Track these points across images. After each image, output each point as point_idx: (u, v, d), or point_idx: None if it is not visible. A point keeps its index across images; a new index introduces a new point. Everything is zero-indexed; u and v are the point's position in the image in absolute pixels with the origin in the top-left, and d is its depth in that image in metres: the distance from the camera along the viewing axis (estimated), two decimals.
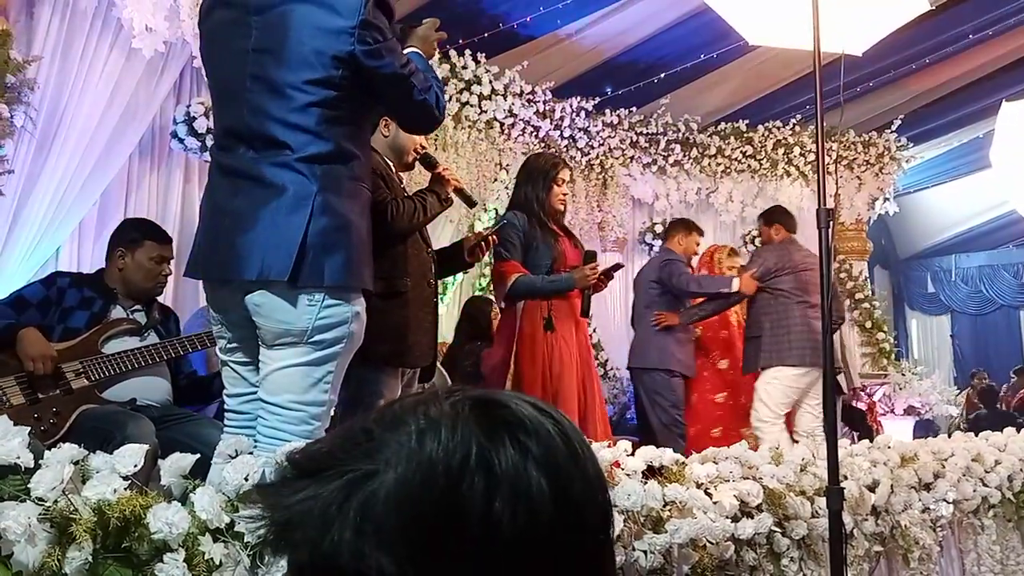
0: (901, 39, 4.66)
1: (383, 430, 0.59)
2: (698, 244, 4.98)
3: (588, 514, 0.59)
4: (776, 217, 4.76)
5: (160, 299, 3.12)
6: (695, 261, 5.07)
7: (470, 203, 2.90)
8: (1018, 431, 3.97)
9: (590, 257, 3.31)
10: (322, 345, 1.91)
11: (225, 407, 2.10)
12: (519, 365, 3.30)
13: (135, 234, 2.92)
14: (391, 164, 2.75)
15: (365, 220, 2.01)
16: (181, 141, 4.36)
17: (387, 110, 2.04)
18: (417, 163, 2.81)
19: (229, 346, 2.06)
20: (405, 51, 2.09)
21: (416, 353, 2.57)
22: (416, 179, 3.92)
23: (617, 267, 3.49)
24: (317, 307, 1.88)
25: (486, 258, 3.48)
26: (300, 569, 0.58)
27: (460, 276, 5.79)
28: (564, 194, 3.44)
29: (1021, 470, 3.59)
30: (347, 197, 1.94)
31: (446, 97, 5.68)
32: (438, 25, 2.27)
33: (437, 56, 5.55)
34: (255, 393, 1.98)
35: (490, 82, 5.84)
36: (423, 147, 2.82)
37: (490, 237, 2.94)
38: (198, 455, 1.66)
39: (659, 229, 6.98)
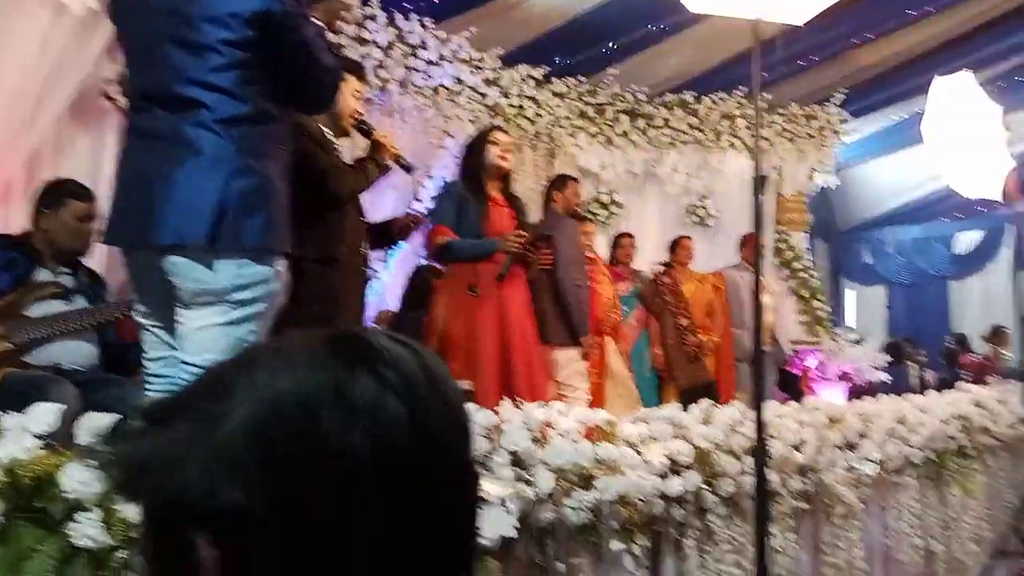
0: (844, 13, 4.72)
1: (235, 374, 0.57)
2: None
3: (449, 441, 0.59)
4: (556, 185, 4.65)
5: (91, 264, 3.05)
6: None
7: (408, 169, 2.95)
8: None
9: (522, 226, 3.37)
10: (242, 304, 1.89)
11: (144, 371, 2.07)
12: (445, 325, 3.36)
13: (57, 194, 2.84)
14: (327, 130, 2.72)
15: (284, 183, 1.99)
16: (114, 101, 4.23)
17: (282, 80, 1.98)
18: (353, 130, 2.83)
19: (146, 310, 2.04)
20: None
21: (347, 317, 2.62)
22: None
23: (545, 238, 3.47)
24: (236, 266, 1.87)
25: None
26: (152, 514, 0.57)
27: (404, 245, 5.78)
28: (504, 152, 3.44)
29: (943, 432, 3.74)
30: (266, 158, 1.92)
31: (393, 64, 5.66)
32: None
33: (384, 19, 5.46)
34: (174, 356, 1.96)
35: (437, 48, 5.77)
36: (360, 113, 2.85)
37: (420, 216, 3.08)
38: (121, 416, 1.64)
39: (605, 200, 7.01)
